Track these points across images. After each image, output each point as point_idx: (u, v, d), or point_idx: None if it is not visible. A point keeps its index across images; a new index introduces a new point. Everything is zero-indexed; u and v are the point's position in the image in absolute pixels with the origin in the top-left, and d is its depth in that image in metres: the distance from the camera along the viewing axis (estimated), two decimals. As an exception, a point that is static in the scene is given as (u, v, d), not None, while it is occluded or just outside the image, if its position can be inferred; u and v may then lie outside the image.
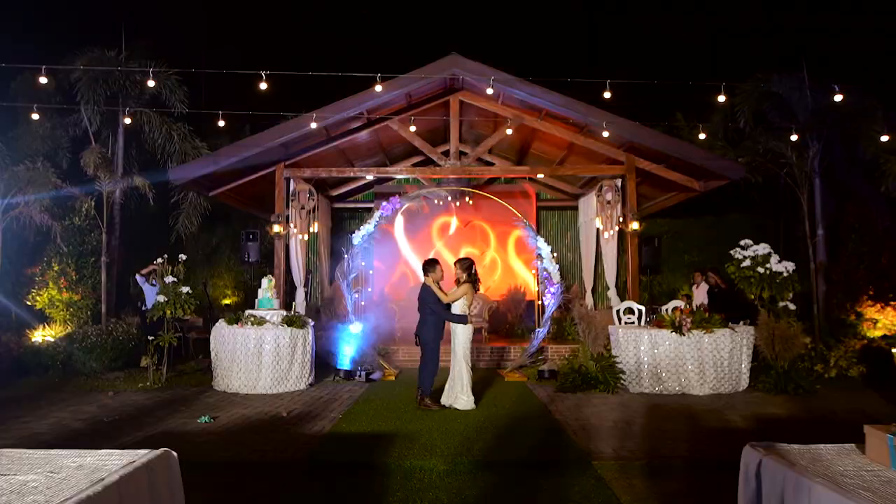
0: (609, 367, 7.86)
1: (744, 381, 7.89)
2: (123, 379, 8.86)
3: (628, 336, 7.95)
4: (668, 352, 7.73)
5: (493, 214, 13.93)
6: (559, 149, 12.31)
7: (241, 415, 6.53)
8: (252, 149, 9.94)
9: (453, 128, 11.06)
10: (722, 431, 5.73)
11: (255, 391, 7.88)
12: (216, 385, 8.19)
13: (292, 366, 8.11)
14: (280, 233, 10.76)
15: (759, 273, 8.15)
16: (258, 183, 11.26)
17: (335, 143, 11.10)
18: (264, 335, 7.97)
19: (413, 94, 10.58)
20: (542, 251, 9.52)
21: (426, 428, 5.82)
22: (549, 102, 9.97)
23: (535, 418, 6.32)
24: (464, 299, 6.88)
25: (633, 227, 10.73)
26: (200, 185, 10.77)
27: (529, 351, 9.57)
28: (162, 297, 8.53)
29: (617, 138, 10.63)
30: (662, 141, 10.02)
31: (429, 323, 6.90)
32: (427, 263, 7.11)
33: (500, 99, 10.80)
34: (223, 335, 8.11)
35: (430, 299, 6.90)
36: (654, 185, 11.97)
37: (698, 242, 15.31)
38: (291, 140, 10.34)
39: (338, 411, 6.71)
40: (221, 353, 8.11)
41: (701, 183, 10.99)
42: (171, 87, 11.38)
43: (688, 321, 7.71)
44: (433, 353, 6.91)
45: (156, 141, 11.26)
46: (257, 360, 7.92)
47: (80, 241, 10.07)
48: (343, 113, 9.98)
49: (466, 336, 6.83)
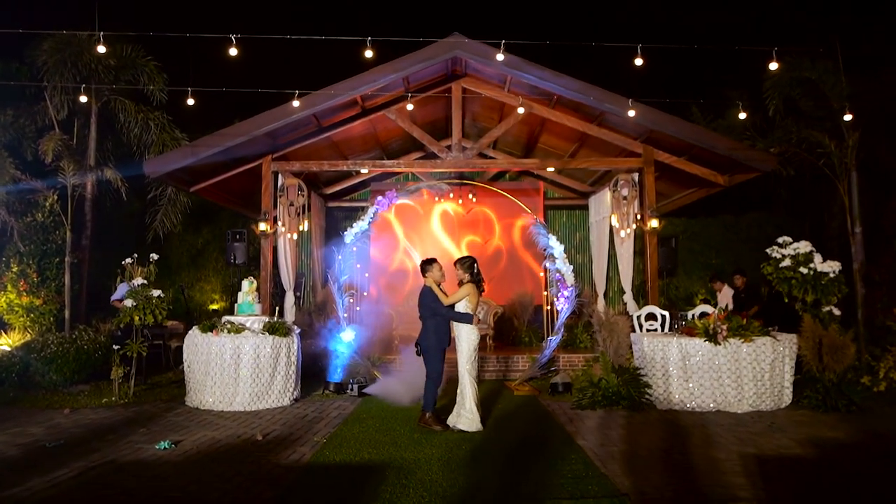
0: (633, 381, 6.92)
1: (787, 397, 6.95)
2: (88, 393, 7.93)
3: (655, 345, 7.01)
4: (702, 363, 6.78)
5: (499, 212, 13.08)
6: (570, 142, 11.41)
7: (209, 438, 5.59)
8: (234, 138, 9.02)
9: (455, 118, 10.15)
10: (781, 462, 4.78)
11: (231, 408, 6.94)
12: (189, 401, 7.25)
13: (274, 379, 7.17)
14: (267, 231, 9.84)
15: (801, 274, 7.23)
16: (244, 178, 10.35)
17: (327, 134, 10.20)
18: (242, 344, 7.03)
19: (412, 80, 9.69)
20: (554, 251, 8.59)
21: (425, 457, 4.88)
22: (561, 87, 9.06)
23: (554, 444, 5.37)
24: (466, 301, 5.97)
25: (652, 225, 9.82)
26: (179, 180, 9.86)
27: (541, 361, 8.62)
28: (130, 301, 7.60)
29: (634, 128, 9.73)
30: (686, 129, 9.10)
31: (430, 328, 6.00)
32: (425, 263, 6.24)
33: (507, 86, 9.90)
34: (196, 344, 7.18)
35: (429, 301, 6.01)
36: (673, 180, 11.06)
37: (716, 243, 14.39)
38: (278, 129, 9.43)
39: (323, 433, 5.76)
40: (194, 365, 7.18)
41: (725, 177, 10.08)
42: (149, 73, 10.46)
43: (723, 328, 6.77)
44: (436, 362, 6.01)
45: (132, 131, 10.34)
46: (234, 372, 6.98)
47: (43, 240, 9.13)
48: (334, 99, 9.07)
49: (470, 341, 5.91)
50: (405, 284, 12.49)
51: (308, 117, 9.49)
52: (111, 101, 10.31)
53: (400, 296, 12.18)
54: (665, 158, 10.02)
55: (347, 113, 10.06)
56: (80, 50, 9.60)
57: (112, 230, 11.48)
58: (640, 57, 7.20)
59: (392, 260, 12.84)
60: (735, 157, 8.94)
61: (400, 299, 12.07)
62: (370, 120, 10.32)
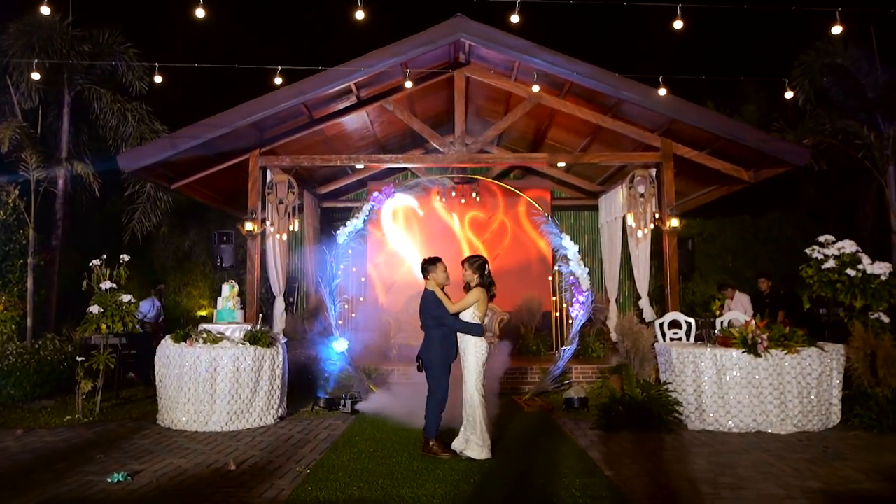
0: (661, 398, 6.12)
1: (835, 415, 6.14)
2: (50, 410, 7.12)
3: (685, 357, 6.21)
4: (740, 378, 5.98)
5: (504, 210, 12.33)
6: (580, 136, 10.64)
7: (173, 468, 4.78)
8: (217, 129, 8.26)
9: (458, 109, 9.38)
10: (857, 502, 3.98)
11: (206, 428, 6.13)
12: (160, 419, 6.44)
13: (256, 395, 6.37)
14: (254, 232, 9.07)
15: (847, 276, 6.45)
16: (230, 174, 9.59)
17: (319, 126, 9.44)
18: (220, 356, 6.23)
19: (411, 66, 8.92)
20: (567, 252, 7.80)
21: (426, 494, 4.08)
22: (574, 73, 8.30)
23: (579, 476, 4.56)
24: (474, 309, 5.18)
25: (672, 225, 9.05)
26: (159, 176, 9.08)
27: (553, 373, 7.82)
28: (96, 307, 6.81)
29: (652, 119, 8.98)
30: (711, 118, 8.33)
31: (433, 339, 5.20)
32: (427, 263, 5.44)
33: (514, 74, 9.15)
34: (168, 356, 6.38)
35: (432, 307, 5.22)
36: (691, 177, 10.28)
37: (732, 245, 13.61)
38: (266, 121, 8.67)
39: (307, 461, 4.97)
40: (166, 380, 6.38)
41: (750, 173, 9.32)
42: (128, 61, 9.70)
43: (764, 338, 5.97)
44: (441, 378, 5.20)
45: (107, 123, 9.56)
46: (210, 388, 6.18)
47: (4, 240, 8.33)
48: (326, 87, 8.31)
49: (478, 354, 5.12)
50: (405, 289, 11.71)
51: (298, 108, 8.73)
52: (85, 90, 9.54)
53: (399, 301, 11.40)
54: (685, 153, 9.26)
55: (342, 103, 9.29)
56: (51, 34, 8.85)
57: (90, 230, 10.69)
58: (679, 19, 6.33)
59: (391, 262, 12.05)
60: (765, 150, 8.17)
61: (399, 305, 11.29)
62: (366, 112, 9.57)
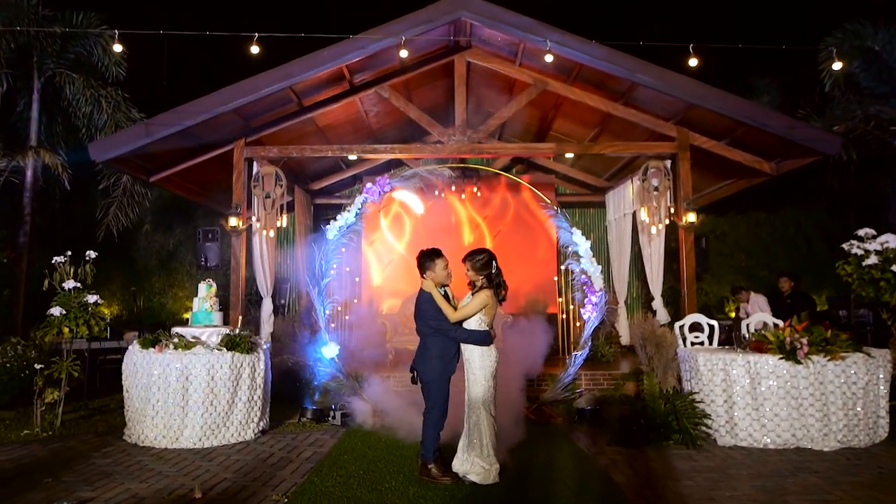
0: (687, 410, 5.46)
1: (882, 429, 5.48)
2: (9, 422, 6.45)
3: (714, 364, 5.56)
4: (777, 387, 5.32)
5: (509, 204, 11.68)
6: (588, 127, 10.00)
7: (129, 496, 4.10)
8: (196, 116, 7.59)
9: (459, 96, 8.70)
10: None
11: (176, 445, 5.46)
12: (127, 434, 5.77)
13: (233, 407, 5.69)
14: (238, 228, 8.40)
15: (892, 273, 5.80)
16: (214, 166, 8.92)
17: (310, 115, 8.78)
18: (192, 364, 5.55)
19: (409, 51, 8.28)
20: (578, 247, 7.14)
21: (424, 532, 3.41)
22: (585, 55, 7.64)
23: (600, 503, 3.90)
24: (481, 316, 4.49)
25: (689, 220, 8.39)
26: (135, 167, 8.41)
27: (564, 381, 7.16)
28: (57, 309, 6.14)
29: (667, 107, 8.34)
30: (735, 104, 7.66)
31: (430, 348, 4.51)
32: (424, 256, 4.67)
33: (519, 58, 8.51)
34: (135, 363, 5.70)
35: (429, 315, 4.52)
36: (707, 170, 9.61)
37: (745, 244, 12.97)
38: (250, 107, 8.01)
39: (286, 486, 4.29)
40: (133, 390, 5.70)
41: (772, 164, 8.68)
42: (103, 45, 9.03)
43: (804, 342, 5.32)
44: (439, 393, 4.50)
45: (80, 109, 8.89)
46: (181, 399, 5.50)
47: (-37, 236, 7.72)
48: (316, 69, 7.65)
49: (486, 365, 4.45)
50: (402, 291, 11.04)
51: (286, 94, 8.07)
52: (56, 74, 8.87)
53: (395, 303, 10.73)
54: (702, 143, 8.61)
55: (333, 90, 8.64)
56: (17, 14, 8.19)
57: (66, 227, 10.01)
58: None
59: (387, 263, 11.38)
60: (793, 138, 7.51)
61: (395, 308, 10.62)
62: (360, 100, 8.92)
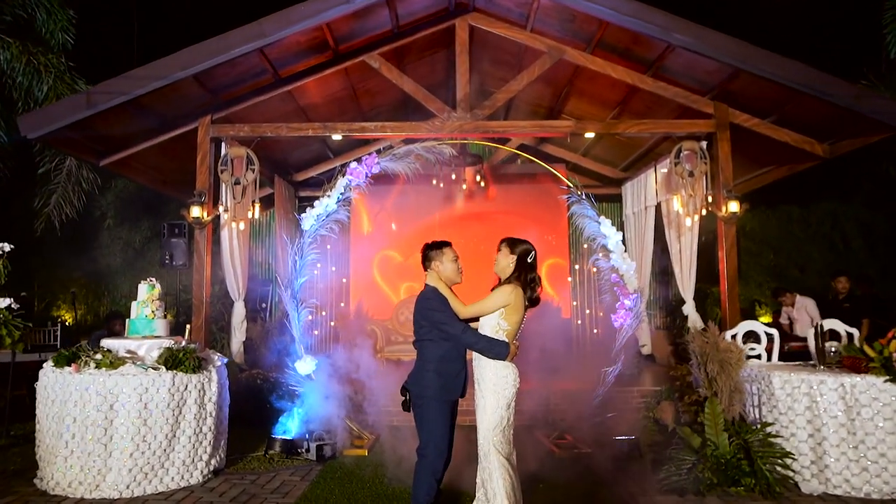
0: (763, 447, 4.22)
1: None
2: None
3: (794, 386, 4.32)
4: (884, 418, 4.08)
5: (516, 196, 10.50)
6: (607, 106, 8.78)
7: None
8: (147, 82, 6.32)
9: (460, 66, 7.45)
10: None
11: (97, 493, 4.19)
12: (41, 475, 4.49)
13: (175, 442, 4.42)
14: (202, 219, 7.15)
15: None
16: (176, 147, 7.68)
17: (287, 87, 7.54)
18: (119, 387, 4.28)
19: (401, 13, 7.08)
20: (608, 241, 5.90)
21: None
22: (610, 10, 6.40)
23: None
24: (501, 317, 3.28)
25: (731, 210, 7.18)
26: (79, 147, 7.14)
27: (591, 402, 5.89)
28: (-42, 316, 4.87)
29: (704, 77, 7.14)
30: (789, 68, 6.36)
31: (428, 360, 3.33)
32: (430, 248, 3.57)
33: (531, 22, 7.28)
34: (47, 387, 4.43)
35: (435, 313, 3.32)
36: (742, 155, 8.33)
37: (774, 242, 11.75)
38: (216, 74, 6.76)
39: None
40: (45, 421, 4.43)
41: (825, 146, 7.48)
42: (47, 6, 7.77)
43: (917, 360, 4.09)
44: (435, 423, 3.29)
45: (14, 79, 7.63)
46: (103, 434, 4.23)
47: None
48: (293, 26, 6.39)
49: (501, 390, 3.28)
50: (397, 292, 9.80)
51: (258, 60, 6.82)
52: (-17, 37, 7.60)
53: (388, 308, 9.50)
54: (743, 121, 7.42)
55: (315, 59, 7.40)
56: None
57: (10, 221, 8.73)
58: None
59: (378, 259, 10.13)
60: (860, 110, 6.27)
61: (388, 313, 9.39)
62: (346, 70, 7.67)
